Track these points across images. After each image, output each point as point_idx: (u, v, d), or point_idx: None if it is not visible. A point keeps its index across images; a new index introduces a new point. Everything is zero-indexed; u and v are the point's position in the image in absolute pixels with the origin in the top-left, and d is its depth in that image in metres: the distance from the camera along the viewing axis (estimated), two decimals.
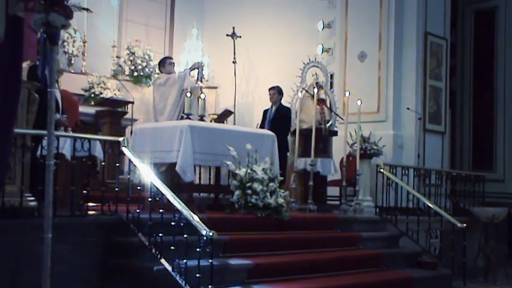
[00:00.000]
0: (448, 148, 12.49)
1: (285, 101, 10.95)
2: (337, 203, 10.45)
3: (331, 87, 11.71)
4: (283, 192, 8.38)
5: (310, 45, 12.32)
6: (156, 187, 6.73)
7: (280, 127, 10.30)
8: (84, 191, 6.88)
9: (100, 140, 7.33)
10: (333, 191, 10.79)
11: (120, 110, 11.25)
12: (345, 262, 8.14)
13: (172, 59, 11.40)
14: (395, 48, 11.64)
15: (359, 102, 10.09)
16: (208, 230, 6.00)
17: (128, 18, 13.56)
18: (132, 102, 11.45)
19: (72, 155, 6.74)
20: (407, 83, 11.65)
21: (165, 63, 10.89)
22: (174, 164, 8.11)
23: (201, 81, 13.16)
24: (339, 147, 10.46)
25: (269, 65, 13.37)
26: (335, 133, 10.56)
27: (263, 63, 13.64)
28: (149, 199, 6.79)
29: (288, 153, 10.40)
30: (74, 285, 6.33)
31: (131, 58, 13.07)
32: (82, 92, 11.88)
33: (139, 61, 13.10)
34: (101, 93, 11.90)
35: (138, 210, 6.83)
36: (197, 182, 9.15)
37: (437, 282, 8.75)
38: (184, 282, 6.10)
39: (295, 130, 10.12)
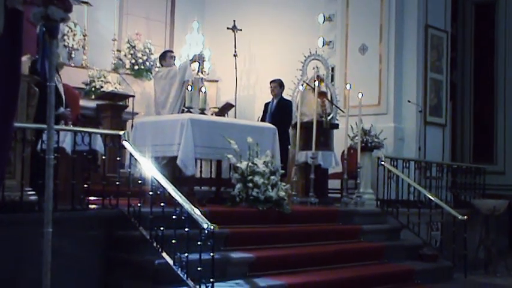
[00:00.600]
0: (448, 141, 12.49)
1: (286, 94, 10.94)
2: (339, 195, 10.45)
3: (332, 80, 11.71)
4: (284, 185, 8.38)
5: (311, 38, 12.31)
6: (157, 181, 6.72)
7: (281, 120, 10.28)
8: (85, 185, 6.88)
9: (101, 134, 7.32)
10: (334, 183, 10.80)
11: (120, 103, 11.24)
12: (346, 255, 8.16)
13: (173, 52, 11.38)
14: (396, 41, 11.62)
15: (360, 95, 10.10)
16: (209, 223, 5.99)
17: (129, 12, 13.52)
18: (133, 96, 11.44)
19: (73, 149, 6.74)
20: (408, 76, 11.64)
21: (165, 57, 10.88)
22: (175, 158, 8.10)
23: (202, 73, 13.17)
24: (340, 140, 10.47)
25: (270, 58, 13.35)
26: (336, 126, 10.57)
27: (264, 56, 13.61)
28: (150, 193, 6.79)
29: (289, 146, 10.39)
30: (75, 280, 6.33)
31: (132, 52, 13.05)
32: (82, 86, 11.87)
33: (139, 54, 13.08)
34: (102, 87, 11.89)
35: (139, 204, 6.83)
36: (198, 175, 9.15)
37: (438, 275, 8.76)
38: (185, 275, 6.11)
39: (296, 123, 10.12)
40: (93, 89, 11.89)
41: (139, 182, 7.08)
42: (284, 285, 6.72)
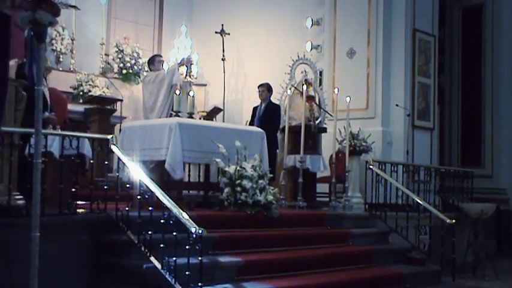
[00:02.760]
0: (436, 144, 12.53)
1: (274, 98, 10.94)
2: (327, 199, 10.45)
3: (320, 84, 11.73)
4: (272, 189, 8.38)
5: (299, 42, 12.33)
6: (145, 185, 6.71)
7: (269, 124, 10.28)
8: (73, 189, 6.86)
9: (89, 138, 7.31)
10: (322, 187, 10.81)
11: (108, 107, 11.22)
12: (335, 259, 8.15)
13: (161, 56, 11.39)
14: (384, 45, 11.65)
15: (348, 99, 10.10)
16: (197, 227, 5.98)
17: (117, 16, 13.52)
18: (121, 100, 11.42)
19: (61, 153, 6.72)
20: (396, 80, 11.67)
21: (154, 61, 10.87)
22: (163, 162, 8.09)
23: (190, 77, 13.17)
24: (328, 144, 10.49)
25: (258, 62, 13.36)
26: (324, 130, 10.59)
27: (252, 61, 13.63)
28: (138, 197, 6.77)
29: (277, 150, 10.40)
30: (63, 284, 6.30)
31: (120, 56, 13.03)
32: (70, 90, 11.84)
33: (128, 59, 13.05)
34: (90, 91, 11.86)
35: (127, 208, 6.81)
36: (186, 179, 9.13)
37: (427, 278, 8.77)
38: (174, 280, 6.09)
39: (284, 127, 10.12)
40: (81, 93, 11.86)
41: (128, 186, 7.06)
42: None
